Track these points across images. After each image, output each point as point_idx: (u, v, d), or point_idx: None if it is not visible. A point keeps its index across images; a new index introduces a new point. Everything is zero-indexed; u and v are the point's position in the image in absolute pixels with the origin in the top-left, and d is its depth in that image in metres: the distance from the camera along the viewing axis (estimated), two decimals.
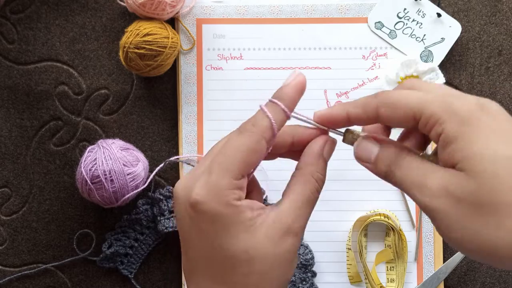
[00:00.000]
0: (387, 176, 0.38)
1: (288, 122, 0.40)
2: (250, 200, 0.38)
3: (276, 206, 0.38)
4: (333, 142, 0.40)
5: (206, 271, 0.38)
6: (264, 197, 0.64)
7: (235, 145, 0.37)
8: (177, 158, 0.66)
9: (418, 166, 0.36)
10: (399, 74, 0.65)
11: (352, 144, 0.40)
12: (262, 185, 0.43)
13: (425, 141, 0.40)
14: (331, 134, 0.41)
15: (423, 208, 0.35)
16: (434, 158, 0.37)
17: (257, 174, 0.41)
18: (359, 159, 0.39)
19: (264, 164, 0.42)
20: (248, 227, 0.36)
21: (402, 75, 0.65)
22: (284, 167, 0.44)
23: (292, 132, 0.41)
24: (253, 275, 0.37)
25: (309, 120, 0.40)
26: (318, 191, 0.39)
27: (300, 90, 0.39)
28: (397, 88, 0.39)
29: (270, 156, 0.41)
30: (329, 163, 0.41)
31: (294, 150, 0.41)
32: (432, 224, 0.66)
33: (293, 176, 0.40)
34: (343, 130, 0.41)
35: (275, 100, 0.38)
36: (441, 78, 0.65)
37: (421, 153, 0.38)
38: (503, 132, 0.33)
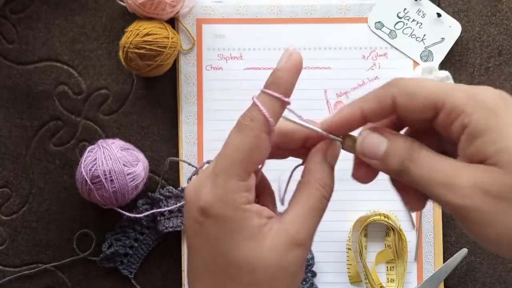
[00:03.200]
0: (400, 173, 0.34)
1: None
2: (260, 206, 0.36)
3: (282, 216, 0.36)
4: (337, 145, 0.38)
5: (208, 277, 0.36)
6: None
7: (235, 144, 0.35)
8: (189, 161, 0.65)
9: (440, 162, 0.33)
10: None
11: (352, 151, 0.37)
12: (274, 186, 0.42)
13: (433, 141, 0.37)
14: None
15: (451, 208, 0.32)
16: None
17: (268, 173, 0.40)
18: (365, 155, 0.36)
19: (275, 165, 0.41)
20: (254, 235, 0.35)
21: None
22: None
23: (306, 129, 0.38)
24: (256, 285, 0.35)
25: (307, 126, 0.37)
26: (325, 198, 0.37)
27: (296, 72, 0.36)
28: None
29: (281, 153, 0.39)
30: None
31: (307, 148, 0.39)
32: (432, 224, 0.66)
33: (298, 184, 0.38)
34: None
35: (267, 91, 0.35)
36: None
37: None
38: None
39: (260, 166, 0.37)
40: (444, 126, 0.33)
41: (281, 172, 0.42)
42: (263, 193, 0.40)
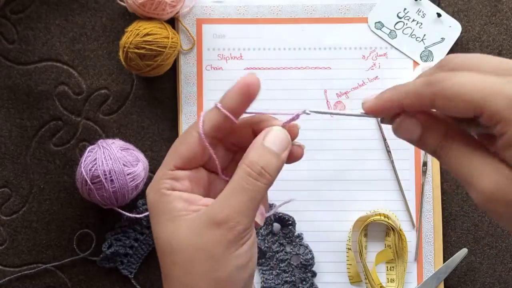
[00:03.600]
0: (435, 155, 0.35)
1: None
2: (193, 195, 0.38)
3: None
4: (277, 130, 0.38)
5: (158, 258, 0.39)
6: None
7: (176, 143, 0.40)
8: None
9: (468, 159, 0.33)
10: None
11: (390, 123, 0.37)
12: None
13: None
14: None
15: (476, 203, 0.33)
16: (487, 142, 0.34)
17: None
18: (402, 137, 0.37)
19: None
20: (174, 218, 0.37)
21: None
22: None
23: (248, 123, 0.40)
24: (176, 266, 0.36)
25: (258, 112, 0.40)
26: (251, 176, 0.37)
27: (242, 90, 0.39)
28: (445, 67, 0.35)
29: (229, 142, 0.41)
30: (329, 163, 0.39)
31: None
32: (432, 224, 0.66)
33: None
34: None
35: (217, 104, 0.39)
36: None
37: (472, 132, 0.35)
38: None
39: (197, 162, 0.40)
40: (483, 126, 0.33)
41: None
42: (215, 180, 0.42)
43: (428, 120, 0.35)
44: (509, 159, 0.31)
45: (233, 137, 0.41)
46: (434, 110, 0.36)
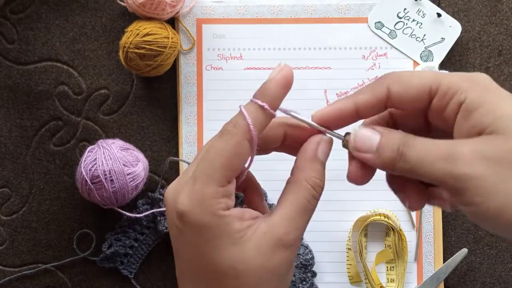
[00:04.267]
0: (394, 162, 0.34)
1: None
2: (241, 209, 0.35)
3: (269, 217, 0.36)
4: (329, 141, 0.37)
5: (194, 282, 0.36)
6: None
7: (216, 150, 0.34)
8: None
9: (437, 142, 0.32)
10: None
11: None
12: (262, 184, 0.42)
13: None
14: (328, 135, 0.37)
15: (453, 181, 0.31)
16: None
17: (257, 173, 0.40)
18: (358, 150, 0.35)
19: (263, 161, 0.41)
20: (236, 240, 0.34)
21: None
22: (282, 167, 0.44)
23: (284, 124, 0.38)
24: None
25: (304, 120, 0.37)
26: (315, 197, 0.36)
27: (285, 85, 0.36)
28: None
29: (262, 150, 0.38)
30: (329, 163, 0.39)
31: (289, 145, 0.38)
32: (432, 224, 0.66)
33: (287, 183, 0.37)
34: (342, 133, 0.37)
35: (255, 100, 0.35)
36: None
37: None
38: None
39: (247, 166, 0.37)
40: (439, 110, 0.34)
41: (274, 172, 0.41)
42: (250, 187, 0.39)
43: (384, 127, 0.36)
44: (472, 125, 0.32)
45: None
46: (389, 110, 0.37)
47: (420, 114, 0.36)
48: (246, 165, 0.37)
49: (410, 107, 0.35)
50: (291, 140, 0.38)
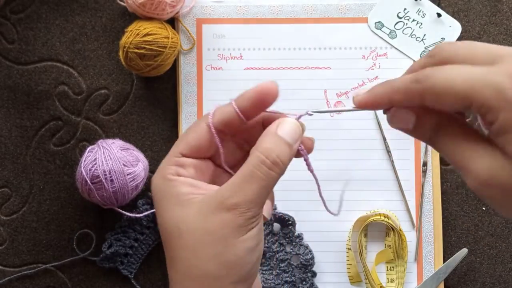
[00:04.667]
0: (430, 142, 0.35)
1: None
2: (197, 181, 0.39)
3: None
4: (289, 122, 0.39)
5: (163, 242, 0.39)
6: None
7: (183, 133, 0.40)
8: None
9: (462, 144, 0.33)
10: None
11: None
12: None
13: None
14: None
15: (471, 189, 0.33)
16: (480, 128, 0.34)
17: None
18: (396, 128, 0.37)
19: None
20: (181, 201, 0.37)
21: None
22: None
23: (262, 119, 0.41)
24: (184, 249, 0.37)
25: (273, 111, 0.40)
26: (265, 165, 0.37)
27: (257, 96, 0.39)
28: (435, 56, 0.35)
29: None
30: (328, 163, 0.39)
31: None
32: (432, 224, 0.66)
33: None
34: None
35: (231, 100, 0.40)
36: None
37: (467, 119, 0.35)
38: None
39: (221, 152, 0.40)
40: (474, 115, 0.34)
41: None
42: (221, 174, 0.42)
43: (421, 109, 0.35)
44: (502, 145, 0.32)
45: (244, 135, 0.41)
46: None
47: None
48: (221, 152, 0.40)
49: (445, 110, 0.35)
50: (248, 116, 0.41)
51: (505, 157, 0.31)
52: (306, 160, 0.40)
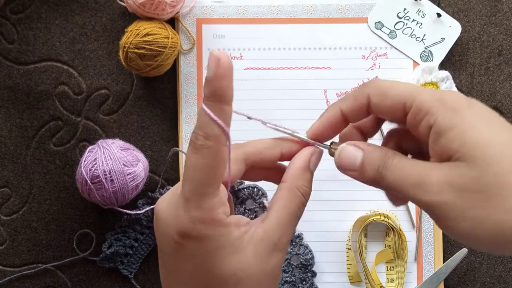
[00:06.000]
0: (376, 181, 0.36)
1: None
2: (237, 216, 0.37)
3: (263, 222, 0.37)
4: (319, 153, 0.40)
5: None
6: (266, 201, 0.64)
7: (197, 167, 0.34)
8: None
9: (412, 166, 0.34)
10: (419, 80, 0.65)
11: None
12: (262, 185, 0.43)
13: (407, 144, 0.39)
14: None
15: (424, 206, 0.34)
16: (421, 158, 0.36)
17: None
18: (342, 168, 0.38)
19: None
20: (236, 248, 0.35)
21: (422, 81, 0.65)
22: None
23: (281, 145, 0.40)
24: None
25: (298, 135, 0.40)
26: (304, 205, 0.39)
27: (230, 75, 0.36)
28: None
29: (255, 174, 0.40)
30: (329, 162, 0.40)
31: (280, 170, 0.40)
32: (432, 224, 0.66)
33: (279, 189, 0.39)
34: (328, 143, 0.40)
35: (209, 103, 0.35)
36: (454, 87, 0.65)
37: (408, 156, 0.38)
38: (492, 121, 0.33)
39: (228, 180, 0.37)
40: (413, 126, 0.35)
41: None
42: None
43: (367, 144, 0.37)
44: (441, 149, 0.33)
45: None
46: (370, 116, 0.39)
47: (402, 121, 0.38)
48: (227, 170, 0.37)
49: (388, 117, 0.37)
50: (287, 158, 0.41)
51: (452, 159, 0.33)
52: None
